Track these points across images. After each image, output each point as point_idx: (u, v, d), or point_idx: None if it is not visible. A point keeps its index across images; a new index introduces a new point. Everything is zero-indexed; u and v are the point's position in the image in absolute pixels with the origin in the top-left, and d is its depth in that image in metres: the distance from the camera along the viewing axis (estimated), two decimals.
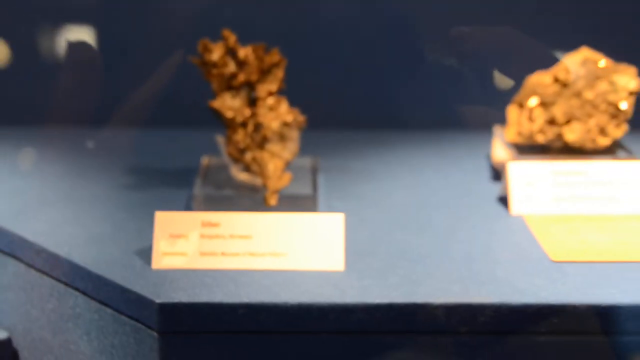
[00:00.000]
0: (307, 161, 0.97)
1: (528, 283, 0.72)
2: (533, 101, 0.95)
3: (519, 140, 0.95)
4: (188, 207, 0.87)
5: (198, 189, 0.88)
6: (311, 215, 0.77)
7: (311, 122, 1.11)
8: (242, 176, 0.90)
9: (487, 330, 0.70)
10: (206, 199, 0.87)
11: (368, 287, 0.71)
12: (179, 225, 0.75)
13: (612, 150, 0.94)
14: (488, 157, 1.02)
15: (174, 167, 0.99)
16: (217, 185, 0.90)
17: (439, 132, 1.12)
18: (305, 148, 1.02)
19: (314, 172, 0.94)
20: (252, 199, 0.87)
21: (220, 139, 0.90)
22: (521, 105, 0.97)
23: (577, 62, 0.97)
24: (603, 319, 0.69)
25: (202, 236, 0.75)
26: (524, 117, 0.95)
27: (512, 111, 0.97)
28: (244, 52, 0.87)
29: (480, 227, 0.85)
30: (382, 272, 0.74)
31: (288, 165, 0.89)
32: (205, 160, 0.96)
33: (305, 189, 0.89)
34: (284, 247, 0.75)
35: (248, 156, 0.87)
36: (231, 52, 0.88)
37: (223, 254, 0.75)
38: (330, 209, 0.89)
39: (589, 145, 0.93)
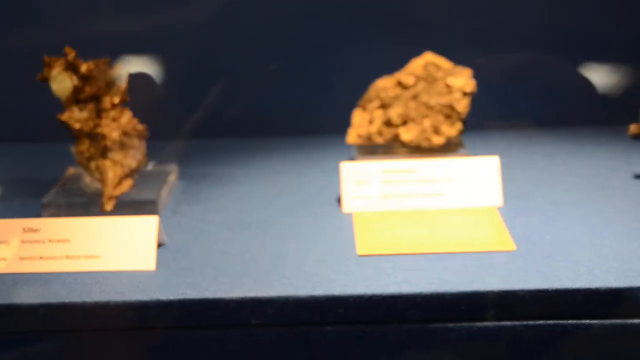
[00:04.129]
0: (167, 168, 1.02)
1: (324, 277, 0.77)
2: (373, 105, 1.00)
3: (359, 141, 0.99)
4: (39, 215, 0.92)
5: (48, 198, 0.93)
6: (125, 219, 0.81)
7: (182, 132, 1.16)
8: (94, 184, 0.95)
9: (278, 322, 0.74)
10: (56, 207, 0.92)
11: (169, 286, 0.76)
12: (1, 231, 0.80)
13: (453, 148, 0.98)
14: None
15: (44, 178, 1.04)
16: (71, 194, 0.94)
17: (311, 137, 1.17)
18: (172, 156, 1.08)
19: (167, 178, 0.99)
20: (99, 205, 0.91)
21: (73, 150, 0.95)
22: (364, 109, 1.01)
23: (419, 66, 1.01)
24: (384, 308, 0.73)
25: (23, 242, 0.80)
26: (365, 120, 1.00)
27: (356, 114, 1.01)
28: (87, 66, 0.92)
29: (310, 225, 0.89)
30: (189, 271, 0.79)
31: (135, 173, 0.94)
32: (70, 170, 1.01)
33: (150, 195, 0.94)
34: (99, 250, 0.80)
35: (93, 165, 0.92)
36: (73, 67, 0.92)
37: (41, 257, 0.79)
38: (175, 213, 0.93)
39: (424, 144, 0.97)
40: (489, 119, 1.16)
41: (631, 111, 0.97)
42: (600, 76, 1.18)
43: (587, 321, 0.72)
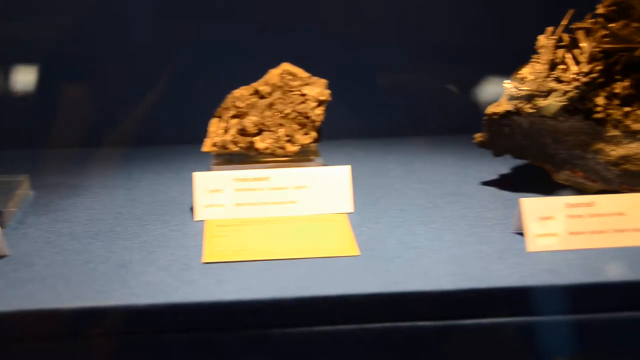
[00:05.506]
0: (17, 179, 0.99)
1: (167, 285, 0.76)
2: (229, 114, 1.00)
3: (214, 150, 0.99)
4: None
5: None
6: None
7: (38, 141, 1.14)
8: None
9: (118, 332, 0.73)
10: None
11: (4, 298, 0.74)
12: None
13: (309, 157, 1.00)
14: None
15: None
16: None
17: (172, 147, 1.16)
18: (27, 166, 1.05)
19: (16, 189, 0.96)
20: None
21: None
22: (221, 118, 1.01)
23: (276, 75, 1.02)
24: (223, 315, 0.73)
25: None
26: (221, 129, 1.00)
27: (212, 123, 1.01)
28: None
29: (158, 234, 0.88)
30: (29, 282, 0.77)
31: None
32: None
33: None
34: None
35: None
36: None
37: None
38: (22, 224, 0.91)
39: (279, 152, 0.98)
40: (349, 128, 1.18)
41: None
42: (458, 87, 1.22)
43: (421, 323, 0.74)
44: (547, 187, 0.96)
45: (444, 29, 1.19)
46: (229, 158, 1.00)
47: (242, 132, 0.98)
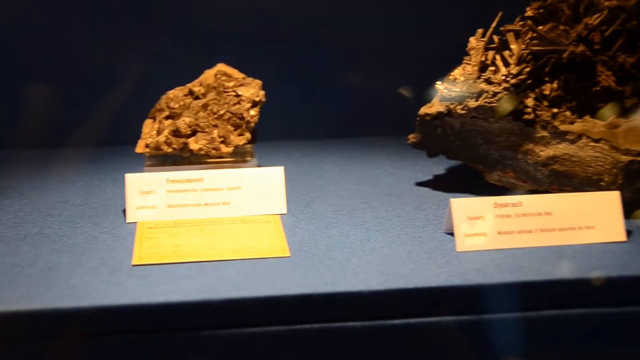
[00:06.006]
0: None
1: (93, 288, 0.75)
2: (163, 115, 0.99)
3: (147, 151, 0.98)
4: None
5: None
6: None
7: None
8: None
9: (41, 336, 0.72)
10: None
11: None
12: None
13: (244, 158, 0.99)
14: None
15: None
16: None
17: (107, 148, 1.15)
18: None
19: None
20: None
21: None
22: (154, 119, 1.00)
23: (211, 76, 1.02)
24: (151, 318, 0.72)
25: None
26: (154, 130, 0.99)
27: (146, 124, 1.00)
28: None
29: (89, 236, 0.87)
30: None
31: None
32: None
33: None
34: None
35: None
36: None
37: None
38: None
39: (213, 153, 0.97)
40: (286, 130, 1.18)
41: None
42: (395, 89, 1.23)
43: (350, 323, 0.74)
44: (480, 187, 0.97)
45: (379, 31, 1.19)
46: (162, 159, 0.99)
47: (176, 133, 0.97)
